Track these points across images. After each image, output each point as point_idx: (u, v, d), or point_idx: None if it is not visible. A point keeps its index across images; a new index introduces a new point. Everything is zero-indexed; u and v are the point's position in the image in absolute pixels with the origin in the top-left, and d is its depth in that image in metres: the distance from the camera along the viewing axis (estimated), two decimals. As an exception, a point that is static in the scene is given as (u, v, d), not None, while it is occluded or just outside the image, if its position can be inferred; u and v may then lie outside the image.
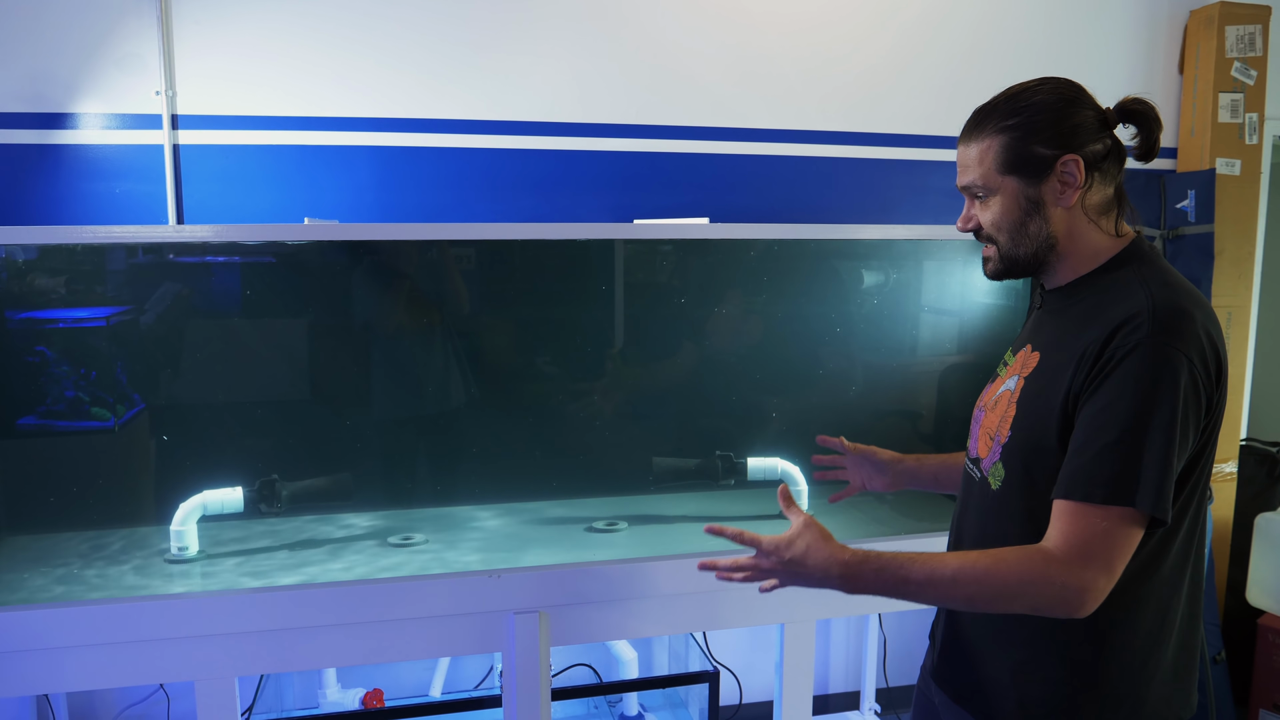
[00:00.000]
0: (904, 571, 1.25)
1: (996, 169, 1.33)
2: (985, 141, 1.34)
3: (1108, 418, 1.20)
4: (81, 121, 2.52)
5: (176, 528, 2.12)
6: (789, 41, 2.95)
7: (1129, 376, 1.20)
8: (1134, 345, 1.20)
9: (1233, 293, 3.27)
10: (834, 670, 3.26)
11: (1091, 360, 1.23)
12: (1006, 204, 1.34)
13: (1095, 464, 1.20)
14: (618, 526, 2.33)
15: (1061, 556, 1.20)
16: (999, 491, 1.36)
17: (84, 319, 2.23)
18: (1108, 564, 1.19)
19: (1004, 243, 1.37)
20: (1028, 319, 1.57)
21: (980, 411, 1.47)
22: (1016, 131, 1.31)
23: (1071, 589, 1.18)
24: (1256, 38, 3.20)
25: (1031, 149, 1.31)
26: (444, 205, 2.72)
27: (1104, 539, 1.19)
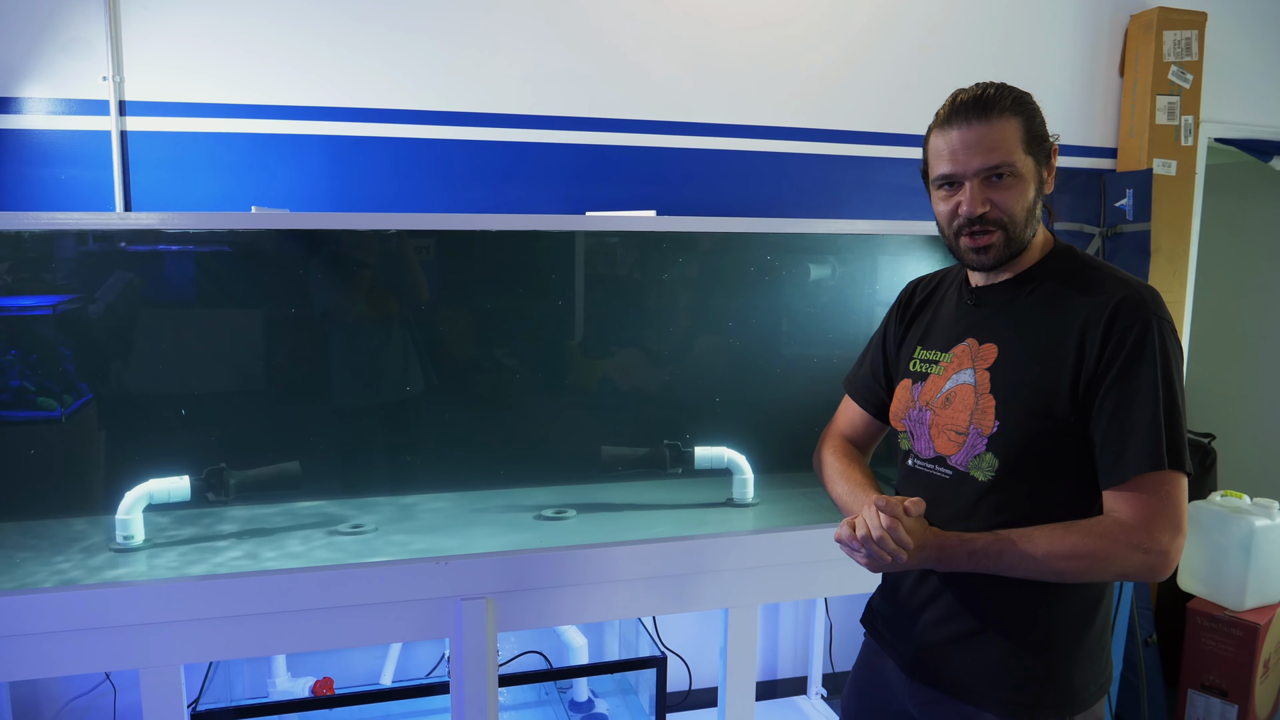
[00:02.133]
0: (998, 558, 1.33)
1: (1022, 148, 1.35)
2: (1006, 120, 1.34)
3: (1143, 393, 1.28)
4: (26, 106, 2.49)
5: (122, 516, 2.11)
6: (743, 38, 2.99)
7: (1148, 351, 1.29)
8: (1144, 321, 1.29)
9: (1168, 289, 3.37)
10: (782, 656, 3.32)
11: (1100, 342, 1.30)
12: (1026, 186, 1.36)
13: (1148, 438, 1.28)
14: (566, 514, 2.36)
15: (1140, 525, 1.28)
16: (991, 482, 1.38)
17: (30, 307, 2.21)
18: (1178, 525, 1.29)
19: (1018, 226, 1.37)
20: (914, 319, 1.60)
21: (925, 411, 1.48)
22: (1029, 112, 1.36)
23: (1155, 553, 1.27)
24: (1193, 42, 3.30)
25: (1042, 130, 1.37)
26: (396, 195, 2.73)
27: (1170, 503, 1.28)
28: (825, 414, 2.81)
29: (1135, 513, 1.28)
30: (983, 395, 1.39)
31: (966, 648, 1.43)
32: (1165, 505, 1.28)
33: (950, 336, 1.49)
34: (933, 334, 1.53)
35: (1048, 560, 1.30)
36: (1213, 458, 3.52)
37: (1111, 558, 1.29)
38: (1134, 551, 1.28)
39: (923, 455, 1.49)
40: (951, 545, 1.35)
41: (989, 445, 1.38)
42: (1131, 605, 3.03)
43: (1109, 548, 1.28)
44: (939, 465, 1.46)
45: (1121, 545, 1.28)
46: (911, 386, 1.53)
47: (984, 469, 1.39)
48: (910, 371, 1.54)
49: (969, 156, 1.35)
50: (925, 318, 1.57)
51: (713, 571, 2.15)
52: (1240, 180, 4.19)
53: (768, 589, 2.22)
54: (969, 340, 1.45)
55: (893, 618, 1.56)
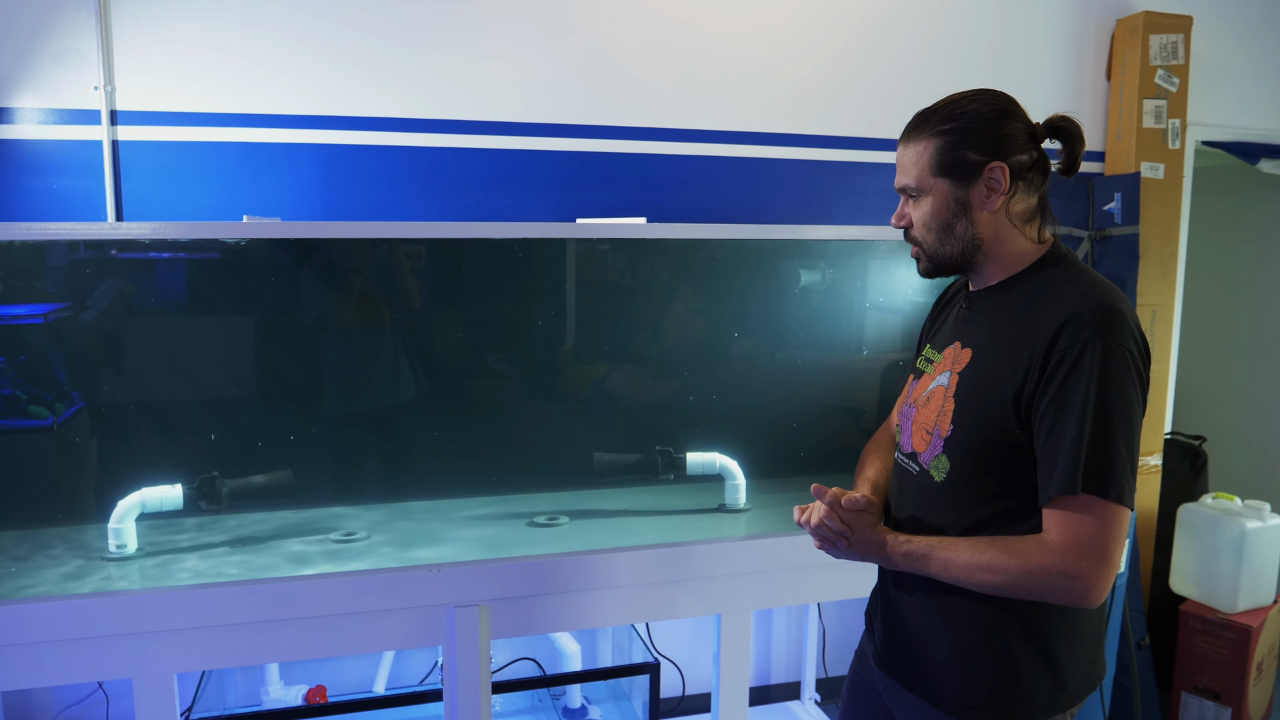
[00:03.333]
0: (925, 562, 1.39)
1: (930, 170, 1.41)
2: (921, 144, 1.42)
3: (1071, 416, 1.27)
4: (18, 116, 2.49)
5: (115, 525, 2.11)
6: (732, 44, 3.00)
7: (1083, 374, 1.27)
8: (1082, 344, 1.27)
9: (1157, 292, 3.39)
10: (775, 661, 3.33)
11: (1041, 360, 1.30)
12: (936, 204, 1.42)
13: (1069, 461, 1.27)
14: (559, 521, 2.37)
15: (1057, 548, 1.27)
16: (944, 483, 1.43)
17: (21, 316, 2.21)
18: (1102, 553, 1.26)
19: (930, 242, 1.44)
20: (937, 318, 1.64)
21: (911, 408, 1.53)
22: (951, 136, 1.39)
23: (1070, 578, 1.26)
24: (1179, 46, 3.33)
25: (963, 154, 1.39)
26: (387, 203, 2.74)
27: (1089, 529, 1.26)
28: (817, 419, 2.84)
29: (1057, 535, 1.28)
30: (948, 398, 1.44)
31: (923, 641, 1.48)
32: (1085, 531, 1.26)
33: (947, 338, 1.53)
34: (939, 334, 1.58)
35: (966, 571, 1.34)
36: (1203, 460, 3.54)
37: (1025, 577, 1.29)
38: (1047, 574, 1.27)
39: (903, 449, 1.55)
40: (888, 544, 1.43)
41: (944, 447, 1.43)
42: (1124, 608, 3.04)
43: (1023, 567, 1.29)
44: (912, 461, 1.51)
45: (1035, 566, 1.28)
46: (912, 382, 1.58)
47: (940, 469, 1.44)
48: (915, 368, 1.60)
49: (897, 173, 1.48)
50: (942, 318, 1.62)
51: (705, 577, 2.15)
52: (1228, 183, 4.21)
53: (760, 594, 2.22)
54: (956, 343, 1.49)
55: (876, 604, 1.63)
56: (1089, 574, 1.26)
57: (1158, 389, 3.42)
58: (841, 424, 2.88)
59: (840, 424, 2.88)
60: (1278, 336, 4.17)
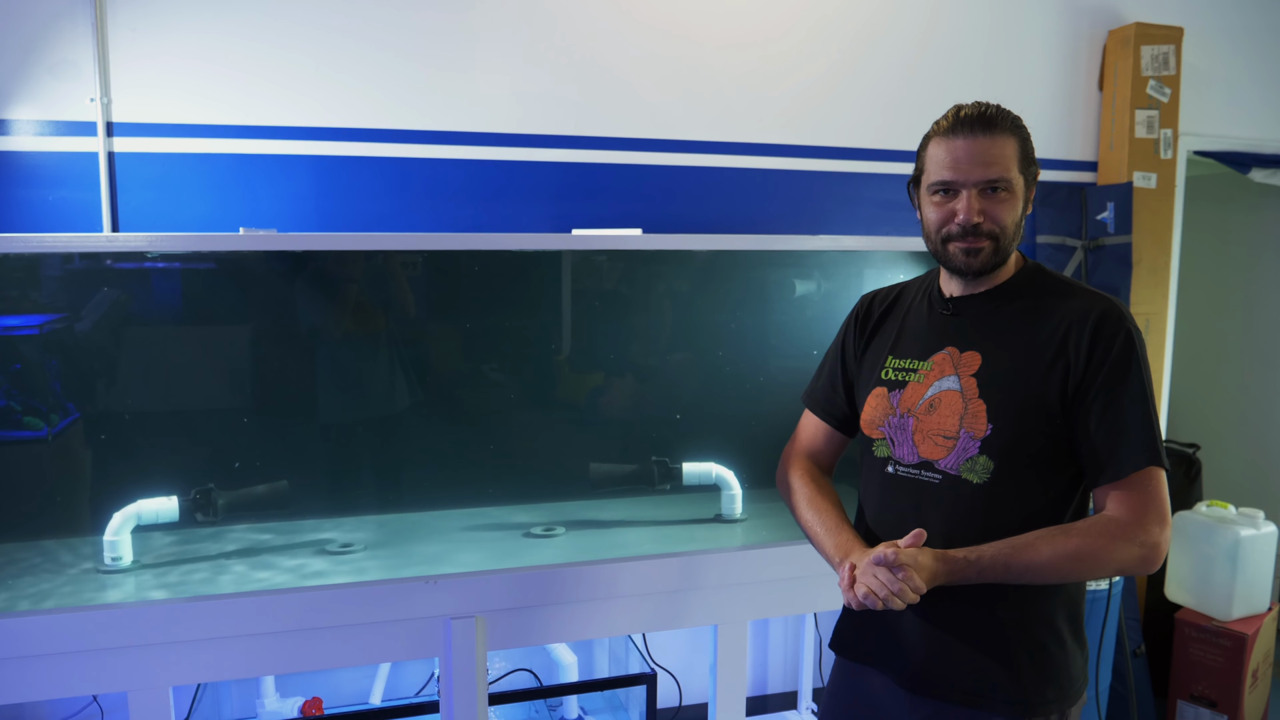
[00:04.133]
0: (1004, 570, 1.39)
1: (1018, 166, 1.45)
2: (1006, 138, 1.43)
3: (1132, 397, 1.38)
4: (14, 128, 2.49)
5: (110, 538, 2.11)
6: (728, 56, 3.01)
7: (1132, 360, 1.39)
8: (1126, 333, 1.40)
9: (1150, 301, 3.41)
10: (772, 671, 3.33)
11: (1086, 351, 1.40)
12: (1018, 202, 1.46)
13: (1143, 438, 1.37)
14: (555, 531, 2.37)
15: (1135, 520, 1.37)
16: (986, 484, 1.43)
17: (16, 327, 2.21)
18: (1167, 517, 1.39)
19: (1006, 237, 1.46)
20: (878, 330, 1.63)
21: (906, 418, 1.51)
22: (1024, 135, 1.46)
23: (1148, 546, 1.37)
24: (1170, 57, 3.35)
25: (1032, 154, 1.48)
26: (384, 214, 2.74)
27: (1159, 497, 1.39)
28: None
29: (1129, 509, 1.37)
30: (972, 400, 1.45)
31: (965, 655, 1.47)
32: (1155, 500, 1.38)
33: (926, 345, 1.53)
34: (904, 343, 1.57)
35: (1052, 564, 1.38)
36: (1198, 468, 3.55)
37: (1110, 555, 1.37)
38: (1130, 546, 1.36)
39: (906, 461, 1.51)
40: (960, 567, 1.39)
41: (982, 448, 1.43)
42: (1120, 616, 3.05)
43: (1108, 545, 1.36)
44: (925, 470, 1.49)
45: (1119, 542, 1.36)
46: (888, 394, 1.55)
47: (978, 471, 1.44)
48: (884, 380, 1.57)
49: (971, 167, 1.43)
50: (890, 328, 1.62)
51: (702, 588, 2.15)
52: (1220, 192, 4.23)
53: (757, 605, 2.22)
54: (949, 348, 1.50)
55: (878, 635, 1.56)
56: (1161, 539, 1.38)
57: (1152, 397, 3.43)
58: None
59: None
60: (1271, 344, 4.19)
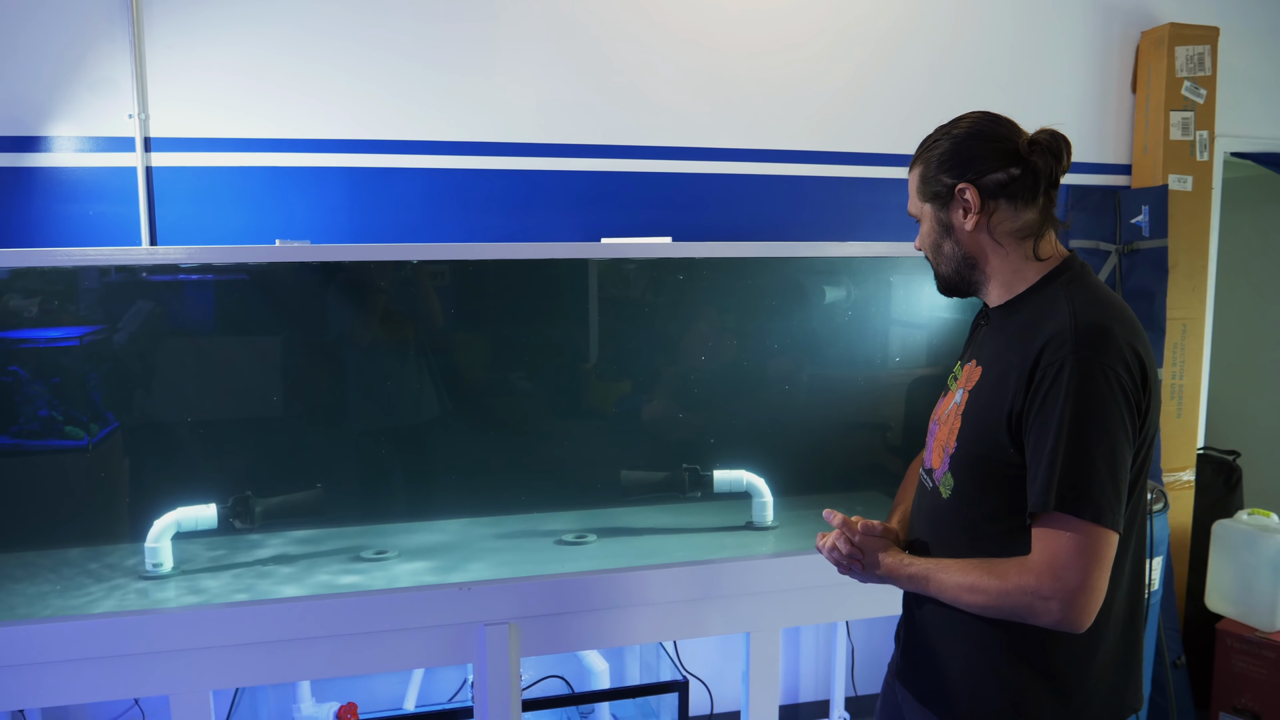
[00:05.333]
0: (925, 584, 1.42)
1: (918, 196, 1.49)
2: (914, 172, 1.50)
3: (1048, 433, 1.27)
4: (55, 145, 2.55)
5: (151, 545, 2.14)
6: (754, 63, 3.02)
7: (1059, 392, 1.27)
8: (1060, 361, 1.27)
9: (1187, 305, 3.36)
10: (804, 679, 3.31)
11: (1026, 378, 1.32)
12: (925, 228, 1.50)
13: (1046, 480, 1.27)
14: (587, 539, 2.38)
15: (1033, 568, 1.28)
16: (949, 500, 1.45)
17: (57, 339, 2.26)
18: (1078, 574, 1.24)
19: (931, 262, 1.52)
20: (972, 336, 1.65)
21: (935, 425, 1.56)
22: (931, 162, 1.46)
23: (1044, 599, 1.26)
24: (1205, 58, 3.31)
25: (939, 177, 1.45)
26: (415, 225, 2.77)
27: (1069, 550, 1.25)
28: (844, 436, 2.83)
29: (1035, 555, 1.29)
30: (958, 416, 1.46)
31: (937, 657, 1.49)
32: (1060, 551, 1.25)
33: (969, 356, 1.56)
34: (967, 352, 1.61)
35: (955, 591, 1.37)
36: (1238, 475, 3.49)
37: (1004, 597, 1.30)
38: (1022, 594, 1.27)
39: (925, 464, 1.57)
40: (894, 566, 1.47)
41: (949, 465, 1.45)
42: (1159, 627, 3.00)
43: (1002, 587, 1.30)
44: (928, 476, 1.54)
45: (1013, 587, 1.29)
46: (940, 400, 1.60)
47: (946, 486, 1.46)
48: (947, 385, 1.61)
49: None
50: (974, 336, 1.64)
51: (734, 596, 2.15)
52: (1258, 194, 4.17)
53: (789, 613, 2.22)
54: (973, 360, 1.51)
55: (901, 620, 1.65)
56: (1064, 596, 1.25)
57: (1189, 403, 3.39)
58: (868, 441, 2.87)
59: (867, 441, 2.87)
60: (1312, 349, 4.12)
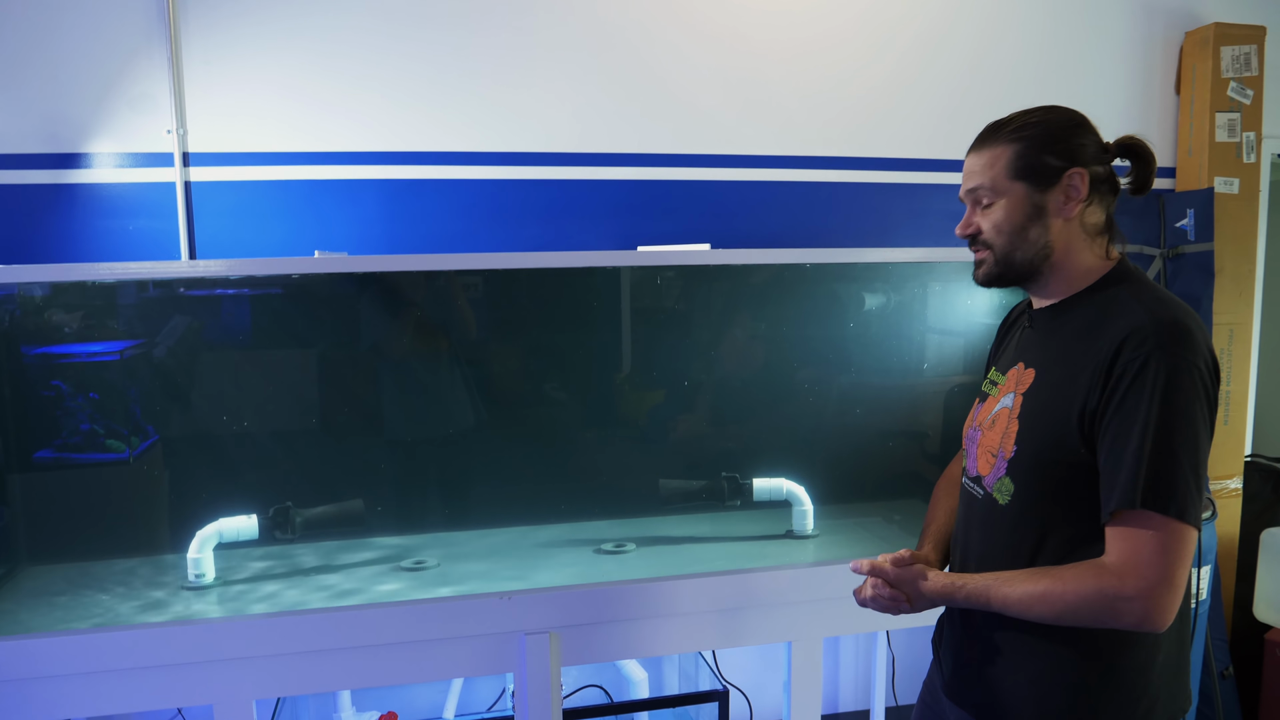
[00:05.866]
0: (984, 601, 1.36)
1: (1005, 174, 1.40)
2: (997, 149, 1.41)
3: (1133, 429, 1.24)
4: (95, 161, 2.59)
5: (193, 555, 2.16)
6: (788, 68, 3.00)
7: (1145, 388, 1.24)
8: (1145, 357, 1.24)
9: (1233, 310, 3.29)
10: (844, 689, 3.27)
11: (1103, 376, 1.28)
12: (1011, 208, 1.40)
13: (1129, 475, 1.23)
14: (626, 548, 2.36)
15: (1115, 569, 1.24)
16: (1008, 506, 1.40)
17: (98, 353, 2.28)
18: (1162, 572, 1.22)
19: (1002, 246, 1.41)
20: (1003, 340, 1.62)
21: (976, 431, 1.51)
22: (1030, 141, 1.39)
23: (1128, 599, 1.22)
24: (1252, 58, 3.25)
25: (1042, 158, 1.38)
26: (451, 235, 2.78)
27: (1152, 548, 1.22)
28: (883, 444, 2.80)
29: (1115, 554, 1.25)
30: (1012, 420, 1.41)
31: (995, 672, 1.44)
32: (1144, 549, 1.22)
33: (1010, 359, 1.52)
34: (1003, 356, 1.56)
35: (1024, 604, 1.31)
36: (1288, 482, 3.41)
37: (1082, 603, 1.26)
38: (1103, 598, 1.24)
39: (969, 473, 1.53)
40: (945, 589, 1.41)
41: (1008, 469, 1.40)
42: (1206, 637, 2.93)
43: (1079, 592, 1.26)
44: (976, 485, 1.49)
45: (1091, 591, 1.25)
46: (977, 405, 1.56)
47: (1004, 492, 1.41)
48: (981, 391, 1.58)
49: (965, 180, 1.46)
50: (1007, 340, 1.60)
51: (775, 605, 2.13)
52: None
53: (830, 622, 2.19)
54: (1019, 364, 1.47)
55: (942, 634, 1.61)
56: (1148, 594, 1.22)
57: (1237, 410, 3.32)
58: (907, 448, 2.83)
59: (906, 448, 2.83)
60: (1361, 352, 4.01)
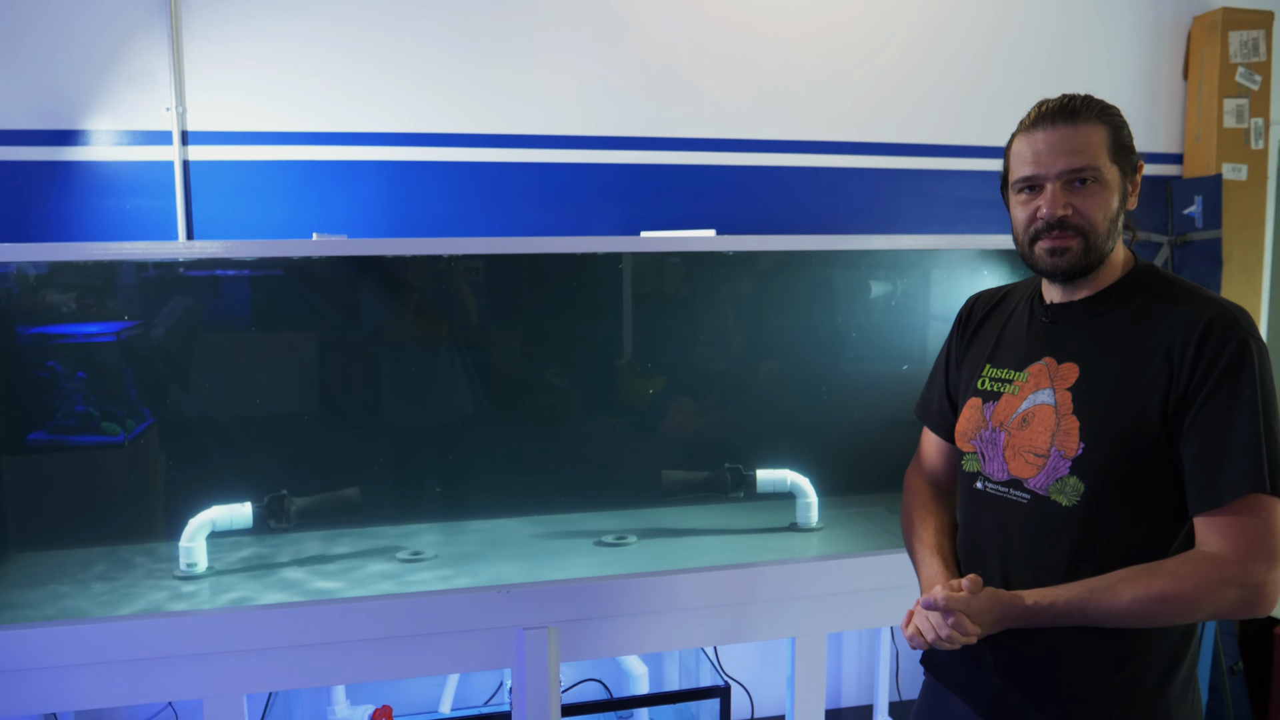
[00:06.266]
0: (1081, 615, 1.26)
1: (1109, 155, 1.32)
2: (1092, 126, 1.31)
3: (1240, 414, 1.21)
4: (93, 138, 2.54)
5: (185, 544, 2.11)
6: (796, 52, 2.95)
7: (1245, 371, 1.22)
8: (1239, 341, 1.23)
9: (1241, 298, 3.25)
10: (846, 683, 3.24)
11: (1191, 361, 1.24)
12: (1110, 194, 1.32)
13: (1249, 460, 1.20)
14: (627, 540, 2.32)
15: (1232, 557, 1.20)
16: (1075, 507, 1.32)
17: (94, 334, 2.24)
18: (1275, 555, 1.20)
19: (1100, 233, 1.32)
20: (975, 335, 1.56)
21: (998, 432, 1.43)
22: (1119, 123, 1.34)
23: (1250, 588, 1.19)
24: (1260, 43, 3.20)
25: (1129, 142, 1.34)
26: (452, 218, 2.73)
27: (1268, 531, 1.20)
28: (889, 434, 2.75)
29: (1228, 542, 1.21)
30: (1065, 416, 1.34)
31: (1047, 692, 1.37)
32: (1262, 533, 1.19)
33: (1024, 354, 1.44)
34: (1002, 351, 1.49)
35: (1134, 609, 1.24)
36: (1295, 475, 3.38)
37: (1203, 597, 1.21)
38: (1226, 588, 1.20)
39: (995, 478, 1.43)
40: (1031, 612, 1.29)
41: (1073, 468, 1.32)
42: (1215, 632, 2.90)
43: (1199, 587, 1.21)
44: (1014, 489, 1.40)
45: (1213, 582, 1.20)
46: (982, 406, 1.47)
47: (1067, 493, 1.33)
48: (979, 390, 1.49)
49: (1053, 158, 1.32)
50: (990, 334, 1.53)
51: (778, 600, 2.09)
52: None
53: (835, 617, 2.15)
54: (1046, 359, 1.40)
55: (961, 659, 1.48)
56: (1267, 579, 1.19)
57: (1245, 401, 3.28)
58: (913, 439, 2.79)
59: (912, 439, 2.79)
60: (1370, 345, 3.98)
